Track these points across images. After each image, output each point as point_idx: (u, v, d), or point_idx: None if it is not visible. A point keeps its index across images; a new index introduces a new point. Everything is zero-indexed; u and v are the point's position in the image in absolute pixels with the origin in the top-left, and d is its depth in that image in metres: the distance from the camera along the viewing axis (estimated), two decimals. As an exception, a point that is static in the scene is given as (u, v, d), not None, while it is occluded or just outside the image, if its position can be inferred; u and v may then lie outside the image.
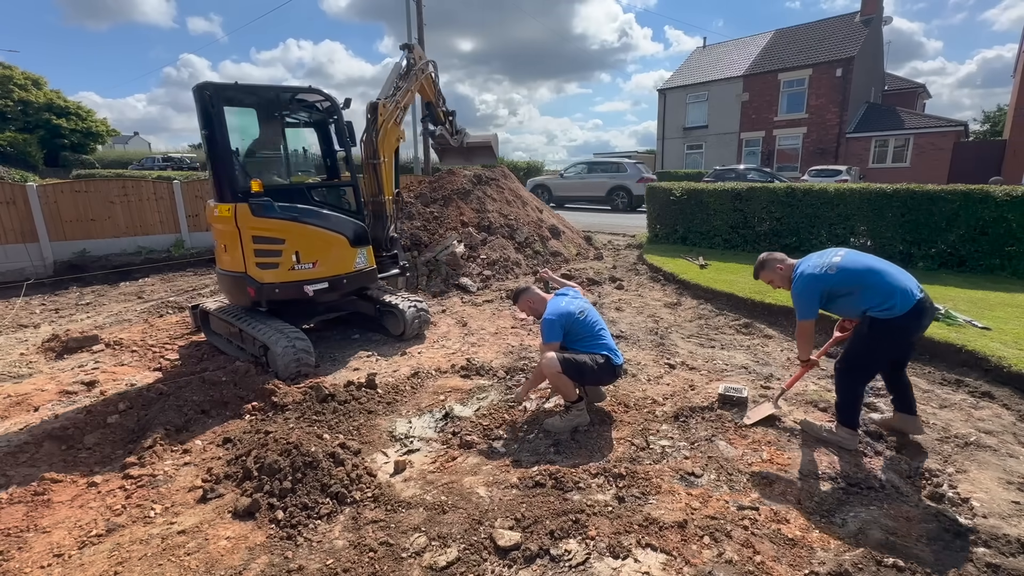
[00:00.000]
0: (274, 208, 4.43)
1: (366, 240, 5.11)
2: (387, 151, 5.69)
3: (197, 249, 10.57)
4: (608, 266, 9.18)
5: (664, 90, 29.87)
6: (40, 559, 2.38)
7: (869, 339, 2.89)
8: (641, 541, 2.34)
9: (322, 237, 4.72)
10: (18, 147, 27.93)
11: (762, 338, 5.31)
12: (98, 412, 3.71)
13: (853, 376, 3.03)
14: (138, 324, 6.25)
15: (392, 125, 5.72)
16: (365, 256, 5.12)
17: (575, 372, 3.32)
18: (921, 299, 2.79)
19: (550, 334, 3.39)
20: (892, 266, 2.95)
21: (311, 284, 4.69)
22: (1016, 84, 21.75)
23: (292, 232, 4.54)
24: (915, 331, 2.90)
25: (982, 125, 38.32)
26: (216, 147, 4.38)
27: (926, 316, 2.83)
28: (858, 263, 2.94)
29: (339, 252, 4.86)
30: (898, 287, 2.79)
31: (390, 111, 5.66)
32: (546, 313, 3.47)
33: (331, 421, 3.55)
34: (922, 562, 2.21)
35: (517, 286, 3.87)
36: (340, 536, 2.46)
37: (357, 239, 4.99)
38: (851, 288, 2.89)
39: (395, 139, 5.85)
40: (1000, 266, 7.03)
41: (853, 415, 3.07)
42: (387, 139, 5.67)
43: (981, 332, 4.68)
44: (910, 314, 2.76)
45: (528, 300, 3.70)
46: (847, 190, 8.17)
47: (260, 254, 4.48)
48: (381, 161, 5.59)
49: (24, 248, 8.90)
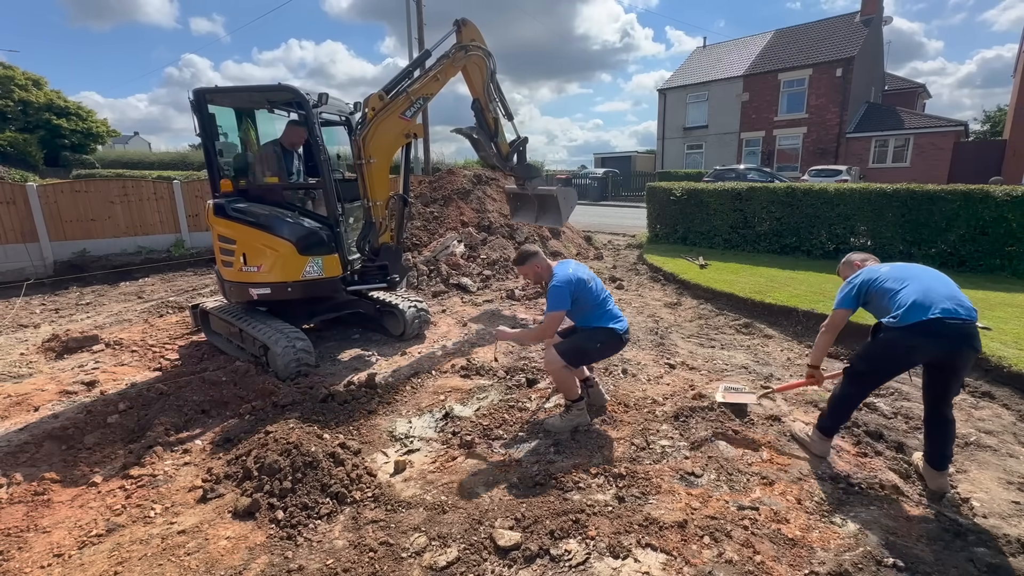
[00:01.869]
0: (226, 209, 4.53)
1: (324, 248, 4.67)
2: (378, 151, 4.85)
3: (197, 249, 10.57)
4: (608, 266, 9.18)
5: (664, 90, 29.85)
6: (40, 559, 2.38)
7: (871, 344, 2.72)
8: (641, 541, 2.34)
9: (265, 240, 4.52)
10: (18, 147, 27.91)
11: (762, 338, 5.31)
12: (98, 412, 3.71)
13: (850, 383, 2.87)
14: (138, 324, 6.25)
15: (389, 119, 4.83)
16: (320, 265, 4.69)
17: (579, 357, 3.30)
18: (935, 319, 2.45)
19: (558, 301, 3.20)
20: (934, 278, 2.69)
21: (255, 287, 4.59)
22: (1016, 84, 21.75)
23: (240, 233, 4.55)
24: (918, 350, 2.56)
25: (982, 125, 38.32)
26: (204, 147, 4.77)
27: (943, 339, 2.47)
28: (898, 270, 2.79)
29: (283, 258, 4.53)
30: (916, 300, 2.55)
31: (386, 103, 4.80)
32: (554, 280, 3.26)
33: (331, 421, 3.55)
34: (922, 562, 2.21)
35: (524, 247, 3.54)
36: (340, 536, 2.46)
37: (307, 246, 4.58)
38: (879, 292, 2.74)
39: (396, 136, 4.95)
40: (1000, 266, 7.03)
41: (831, 423, 2.93)
42: (378, 136, 4.81)
43: (981, 332, 4.66)
44: (913, 329, 2.48)
45: (535, 265, 3.43)
46: (847, 190, 8.17)
47: (221, 252, 4.71)
48: (366, 162, 4.80)
49: (24, 248, 8.90)
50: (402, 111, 4.88)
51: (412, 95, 4.92)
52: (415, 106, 4.97)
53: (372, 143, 4.81)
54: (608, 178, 28.48)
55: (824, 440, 2.97)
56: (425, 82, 5.07)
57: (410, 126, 4.98)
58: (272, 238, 4.51)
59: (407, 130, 4.97)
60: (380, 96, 4.82)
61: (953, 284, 2.68)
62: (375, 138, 4.82)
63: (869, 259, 3.10)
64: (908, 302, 2.56)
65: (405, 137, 4.99)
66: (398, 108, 4.87)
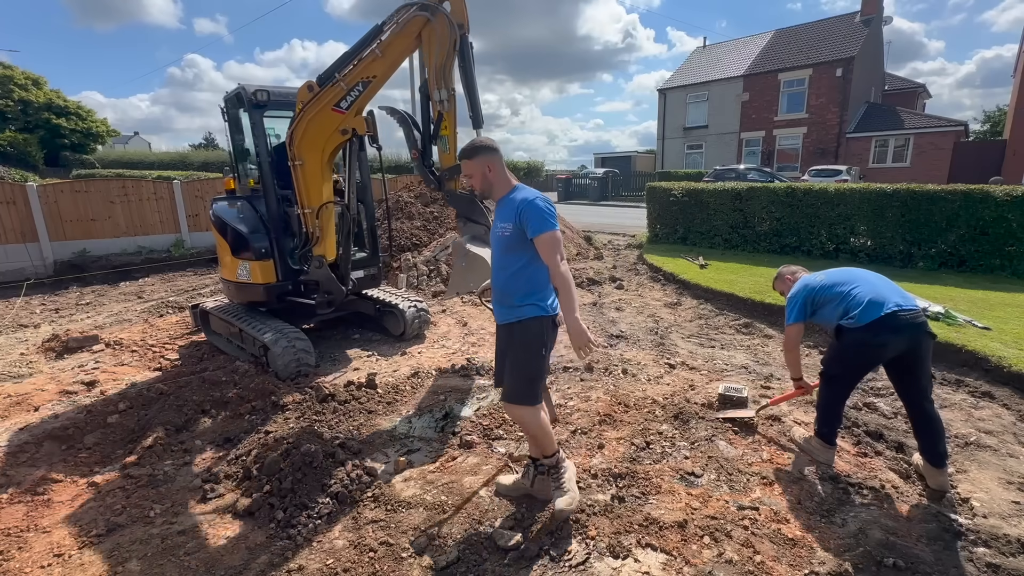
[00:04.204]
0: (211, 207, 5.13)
1: (250, 252, 4.61)
2: (307, 151, 4.16)
3: (197, 249, 10.57)
4: (608, 266, 9.18)
5: (664, 90, 29.84)
6: (40, 559, 2.38)
7: (838, 348, 2.82)
8: (641, 541, 2.34)
9: (219, 239, 5.03)
10: (18, 147, 27.91)
11: (762, 338, 5.30)
12: (98, 412, 3.71)
13: (828, 387, 2.93)
14: (138, 324, 6.25)
15: (320, 113, 4.04)
16: (248, 269, 4.67)
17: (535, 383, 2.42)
18: (891, 313, 2.59)
19: (549, 222, 2.26)
20: (877, 278, 2.85)
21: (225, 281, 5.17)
22: (1016, 84, 21.74)
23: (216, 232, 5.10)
24: (888, 346, 2.64)
25: (982, 125, 38.33)
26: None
27: (902, 332, 2.59)
28: (839, 275, 2.93)
29: (226, 257, 4.95)
30: (872, 298, 2.67)
31: (315, 95, 4.02)
32: (542, 202, 2.31)
33: (331, 421, 3.55)
34: (922, 562, 2.21)
35: (479, 139, 2.56)
36: (340, 536, 2.46)
37: (236, 249, 4.74)
38: (828, 298, 2.87)
39: (330, 133, 4.10)
40: (1000, 266, 7.02)
41: (827, 429, 2.96)
42: (308, 134, 4.11)
43: (981, 332, 4.68)
44: (874, 326, 2.60)
45: (487, 163, 2.40)
46: (847, 190, 8.16)
47: None
48: (294, 163, 4.21)
49: (24, 248, 8.91)
50: (335, 102, 4.00)
51: (347, 81, 3.94)
52: (351, 95, 3.98)
53: (300, 142, 4.14)
54: (608, 178, 28.47)
55: (827, 447, 2.97)
56: (365, 63, 3.91)
57: (346, 120, 4.05)
58: (220, 237, 4.97)
59: (343, 125, 4.07)
60: (309, 87, 4.06)
61: (892, 282, 2.85)
62: (304, 136, 4.12)
63: (799, 271, 3.32)
64: (864, 301, 2.70)
65: (341, 134, 4.12)
66: (329, 99, 4.01)
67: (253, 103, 4.47)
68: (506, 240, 2.34)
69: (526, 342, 2.36)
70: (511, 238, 2.31)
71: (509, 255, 2.35)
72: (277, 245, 4.67)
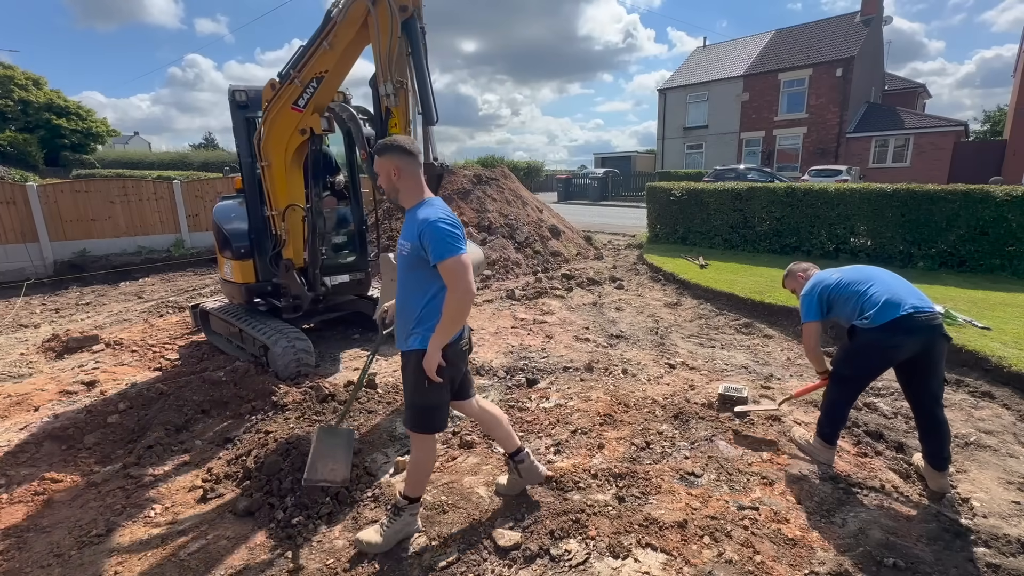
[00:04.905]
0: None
1: (231, 252, 4.75)
2: (272, 151, 4.07)
3: (197, 249, 10.57)
4: (608, 266, 9.18)
5: (664, 90, 29.85)
6: (40, 559, 2.37)
7: (850, 349, 2.78)
8: (641, 541, 2.34)
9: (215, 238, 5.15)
10: (18, 147, 27.90)
11: (762, 338, 5.31)
12: (98, 412, 3.71)
13: (837, 387, 2.90)
14: (138, 324, 6.25)
15: (281, 113, 3.94)
16: (231, 268, 4.82)
17: (431, 413, 2.27)
18: (907, 314, 2.54)
19: (454, 244, 2.07)
20: (893, 278, 2.79)
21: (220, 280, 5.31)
22: (1016, 84, 21.75)
23: None
24: (902, 348, 2.60)
25: (982, 125, 38.35)
26: None
27: (917, 334, 2.55)
28: (854, 273, 2.88)
29: (218, 256, 5.20)
30: (888, 298, 2.62)
31: (277, 93, 3.91)
32: (444, 224, 2.09)
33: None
34: (922, 562, 2.21)
35: (395, 136, 2.48)
36: (340, 536, 2.46)
37: (221, 248, 5.00)
38: (843, 296, 2.83)
39: (290, 133, 4.01)
40: (1000, 266, 7.03)
41: (830, 430, 2.93)
42: (273, 134, 4.00)
43: (981, 332, 4.68)
44: (889, 327, 2.55)
45: (395, 164, 2.16)
46: (847, 190, 8.17)
47: None
48: (262, 164, 4.19)
49: (24, 248, 8.91)
50: (293, 100, 3.89)
51: (302, 78, 3.80)
52: (307, 92, 3.84)
53: (266, 142, 4.06)
54: (608, 178, 28.48)
55: (828, 448, 2.96)
56: (316, 57, 3.73)
57: (304, 119, 3.91)
58: (215, 236, 5.10)
59: (301, 124, 3.94)
60: (272, 85, 3.94)
61: (908, 282, 2.78)
62: (268, 136, 4.02)
63: (811, 268, 3.21)
64: (880, 301, 2.63)
65: (300, 134, 3.97)
66: (287, 97, 3.90)
67: (235, 104, 4.52)
68: (404, 260, 2.18)
69: (410, 374, 2.22)
70: (409, 258, 2.14)
71: (410, 274, 2.18)
72: (258, 246, 4.68)
